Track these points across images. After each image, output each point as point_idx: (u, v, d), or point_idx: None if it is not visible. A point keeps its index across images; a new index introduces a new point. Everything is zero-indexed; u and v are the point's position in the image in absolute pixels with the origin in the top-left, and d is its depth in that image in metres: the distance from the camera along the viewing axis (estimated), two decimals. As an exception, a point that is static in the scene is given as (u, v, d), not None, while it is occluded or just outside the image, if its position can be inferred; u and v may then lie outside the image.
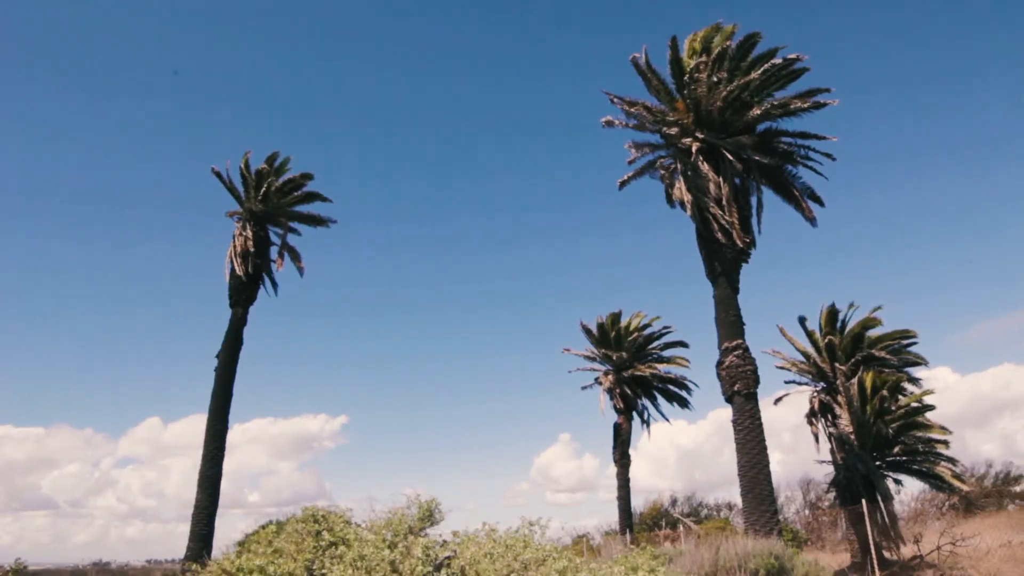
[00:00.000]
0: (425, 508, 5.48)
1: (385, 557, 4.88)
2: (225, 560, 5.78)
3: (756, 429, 19.29)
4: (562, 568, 4.85)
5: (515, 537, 5.40)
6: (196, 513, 20.85)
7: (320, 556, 5.37)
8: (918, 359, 22.87)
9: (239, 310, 24.74)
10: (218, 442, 22.07)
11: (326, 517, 5.66)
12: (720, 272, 20.69)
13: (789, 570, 14.00)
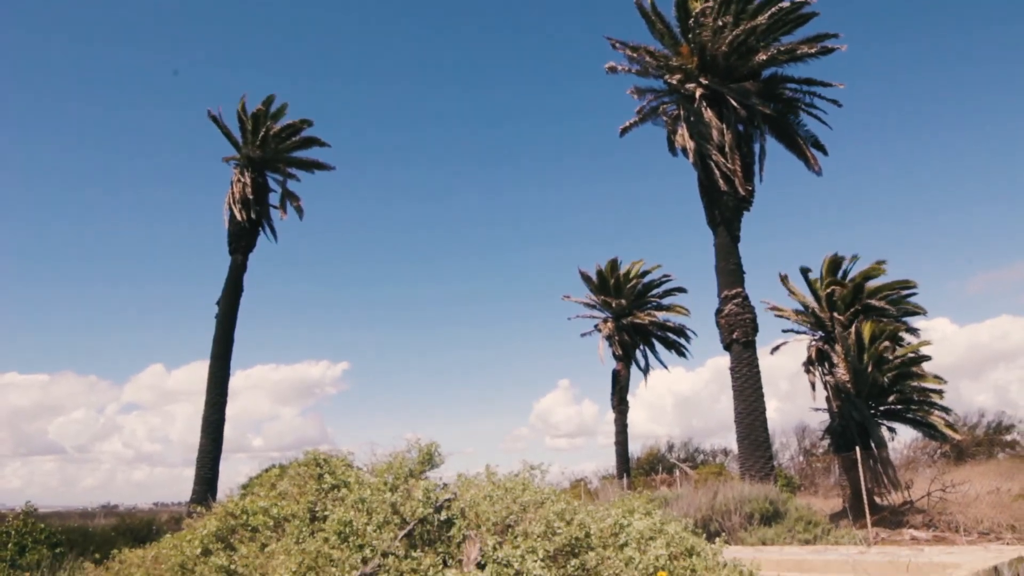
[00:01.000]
0: (425, 452, 5.55)
1: (386, 499, 4.96)
2: (229, 502, 5.89)
3: (754, 377, 19.48)
4: (560, 510, 4.93)
5: (514, 480, 5.48)
6: (200, 457, 21.22)
7: (322, 498, 5.46)
8: (917, 309, 22.92)
9: (239, 257, 24.72)
10: (220, 388, 22.31)
11: (328, 461, 5.75)
12: (721, 220, 20.60)
13: (783, 514, 14.30)
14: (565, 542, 4.74)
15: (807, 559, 8.91)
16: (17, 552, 11.24)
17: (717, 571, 4.75)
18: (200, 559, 5.12)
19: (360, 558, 4.53)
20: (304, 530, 5.12)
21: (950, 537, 15.18)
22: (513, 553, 4.49)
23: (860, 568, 7.77)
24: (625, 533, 4.96)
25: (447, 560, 4.71)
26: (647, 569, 4.52)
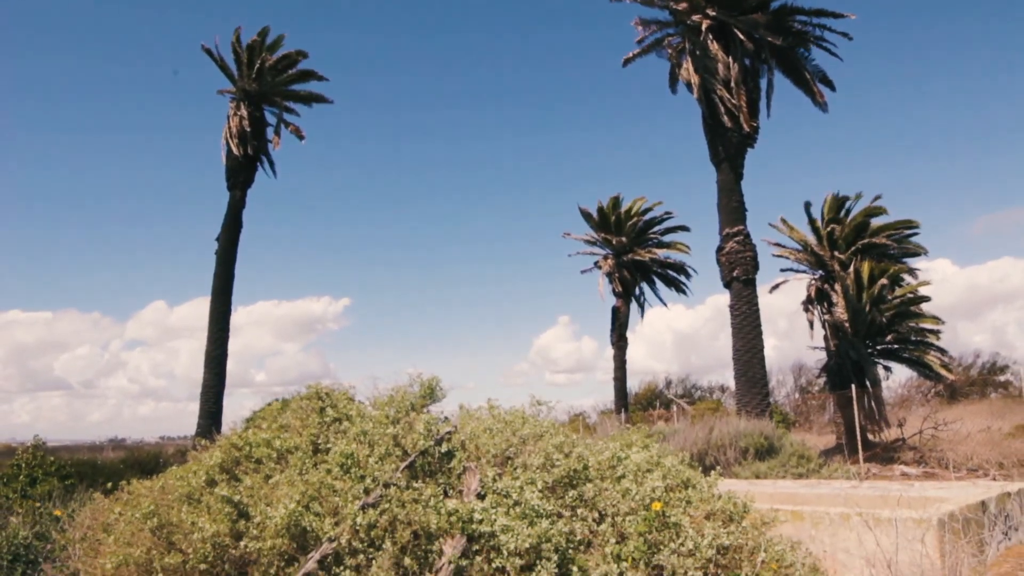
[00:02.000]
0: (426, 386, 5.61)
1: (388, 432, 5.04)
2: (233, 435, 5.98)
3: (753, 314, 19.60)
4: (559, 443, 5.01)
5: (514, 414, 5.56)
6: (204, 392, 21.51)
7: (324, 431, 5.54)
8: (918, 249, 22.88)
9: (237, 192, 24.55)
10: (222, 323, 22.48)
11: (329, 394, 5.82)
12: (724, 157, 20.36)
13: (778, 449, 14.59)
14: (563, 474, 4.84)
15: (800, 492, 9.12)
16: (28, 483, 11.50)
17: (712, 503, 4.86)
18: (206, 489, 5.23)
19: (362, 488, 4.62)
20: (307, 462, 5.22)
21: (940, 473, 15.52)
22: (512, 484, 4.59)
23: (852, 501, 7.95)
24: (622, 466, 5.06)
25: (448, 491, 4.81)
26: (643, 500, 4.63)
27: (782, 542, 4.89)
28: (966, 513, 7.02)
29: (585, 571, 4.08)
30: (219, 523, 4.56)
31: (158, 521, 4.81)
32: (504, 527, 4.15)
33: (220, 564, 4.58)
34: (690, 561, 4.20)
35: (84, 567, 6.10)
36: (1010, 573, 6.65)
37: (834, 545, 7.03)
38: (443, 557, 4.12)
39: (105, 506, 6.99)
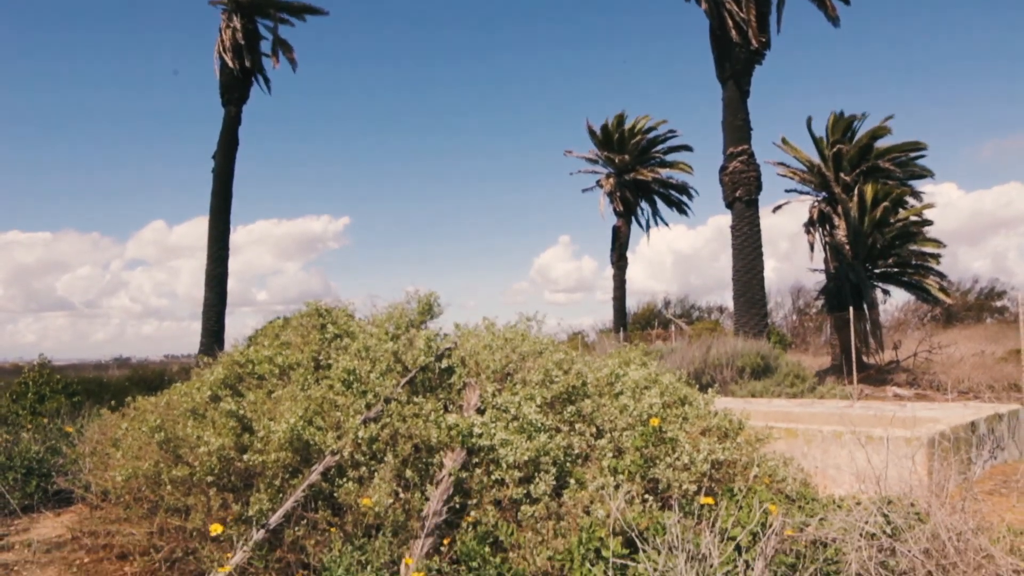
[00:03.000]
0: (424, 302, 5.62)
1: (388, 348, 5.07)
2: (235, 352, 6.03)
3: (754, 235, 19.53)
4: (558, 360, 5.05)
5: (514, 331, 5.59)
6: (206, 311, 21.63)
7: (325, 348, 5.58)
8: (924, 172, 22.59)
9: (232, 109, 24.03)
10: (221, 242, 22.40)
11: (330, 311, 5.83)
12: (731, 73, 19.85)
13: (774, 369, 14.81)
14: (562, 390, 4.91)
15: (794, 411, 9.30)
16: (37, 401, 11.70)
17: (708, 419, 4.94)
18: (210, 405, 5.31)
19: (364, 403, 4.69)
20: (309, 378, 5.29)
21: (931, 395, 15.79)
22: (512, 399, 4.65)
23: (845, 420, 8.11)
24: (621, 383, 5.13)
25: (448, 406, 4.89)
26: (641, 416, 4.70)
27: (775, 458, 5.00)
28: (956, 433, 7.16)
29: (582, 483, 4.17)
30: (224, 437, 4.65)
31: (164, 435, 4.90)
32: (503, 441, 4.23)
33: (226, 476, 4.69)
34: (685, 475, 4.30)
35: (95, 479, 6.27)
36: (994, 489, 6.84)
37: (825, 461, 7.21)
38: (443, 469, 4.21)
39: (112, 422, 7.14)
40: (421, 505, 4.11)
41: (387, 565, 3.80)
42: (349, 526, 4.15)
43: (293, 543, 4.17)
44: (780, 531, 3.49)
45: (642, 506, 4.02)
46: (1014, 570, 3.60)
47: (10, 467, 7.33)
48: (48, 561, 5.54)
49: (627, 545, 3.60)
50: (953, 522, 3.73)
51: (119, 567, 5.28)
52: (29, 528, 6.54)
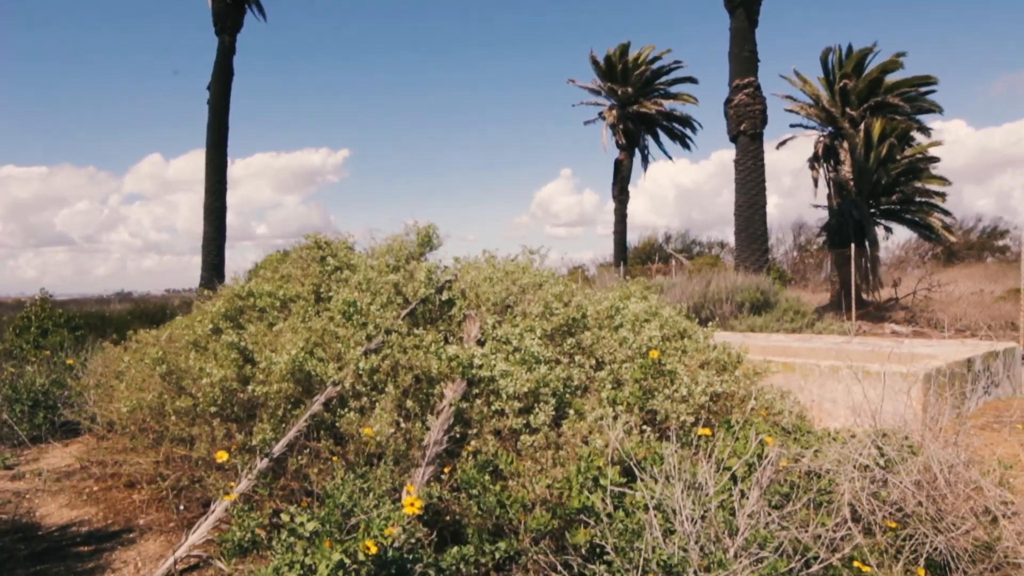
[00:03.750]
0: (423, 234, 5.58)
1: (388, 280, 5.05)
2: (235, 285, 6.02)
3: (757, 170, 19.31)
4: (558, 292, 5.04)
5: (514, 263, 5.57)
6: (205, 245, 21.54)
7: (326, 280, 5.57)
8: (933, 107, 22.16)
9: (226, 38, 23.39)
10: (219, 175, 22.12)
11: (329, 244, 5.80)
12: (739, 1, 19.28)
13: (773, 304, 14.84)
14: (562, 322, 4.92)
15: (792, 346, 9.35)
16: (40, 335, 11.76)
17: (706, 353, 4.97)
18: (211, 337, 5.34)
19: (364, 335, 4.71)
20: (309, 310, 5.29)
21: (929, 333, 15.88)
22: (512, 331, 4.67)
23: (843, 355, 8.17)
24: (620, 315, 5.13)
25: (448, 337, 4.91)
26: (640, 349, 4.72)
27: (772, 391, 5.05)
28: (952, 369, 7.22)
29: (581, 414, 4.22)
30: (226, 369, 4.68)
31: (167, 368, 4.94)
32: (503, 372, 4.26)
33: (229, 407, 4.74)
34: (683, 407, 4.34)
35: (100, 411, 6.35)
36: (987, 424, 6.92)
37: (822, 395, 7.29)
38: (444, 400, 4.25)
39: (115, 355, 7.20)
40: (422, 435, 4.17)
41: (389, 492, 3.87)
42: (351, 455, 4.22)
43: (296, 471, 4.25)
44: (775, 462, 3.55)
45: (640, 437, 4.08)
46: (1002, 501, 3.67)
47: (17, 399, 7.42)
48: (59, 489, 5.66)
49: (625, 474, 3.66)
50: (945, 455, 3.78)
51: (127, 495, 5.40)
52: (39, 458, 6.66)
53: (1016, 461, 4.60)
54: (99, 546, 4.48)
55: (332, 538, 3.37)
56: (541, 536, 3.62)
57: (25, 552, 4.39)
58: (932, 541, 3.49)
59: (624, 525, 3.10)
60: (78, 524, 4.89)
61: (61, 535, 4.70)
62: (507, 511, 3.62)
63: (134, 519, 4.95)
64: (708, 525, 2.88)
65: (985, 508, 3.62)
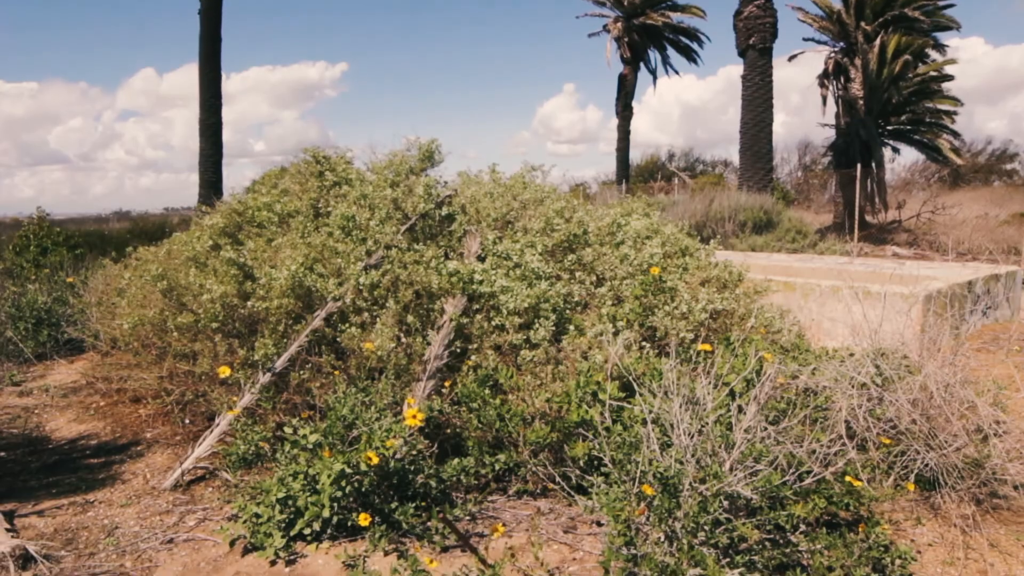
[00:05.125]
0: (425, 149, 5.47)
1: (388, 195, 4.98)
2: (234, 201, 5.94)
3: (765, 86, 18.86)
4: (560, 208, 4.98)
5: (515, 179, 5.48)
6: (202, 161, 21.19)
7: (324, 195, 5.50)
8: (951, 22, 21.39)
9: (217, -56, 22.38)
10: (213, 89, 21.56)
11: (327, 158, 5.69)
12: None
13: (775, 224, 14.76)
14: (563, 238, 4.87)
15: (793, 265, 9.34)
16: (40, 253, 11.73)
17: (707, 270, 4.94)
18: (211, 253, 5.31)
19: (364, 250, 4.67)
20: (308, 225, 5.24)
21: (931, 256, 15.84)
22: (513, 247, 4.63)
23: (844, 275, 8.16)
24: (622, 232, 5.08)
25: (448, 253, 4.87)
26: (641, 266, 4.70)
27: (772, 310, 5.05)
28: (953, 291, 7.21)
29: (581, 330, 4.23)
30: (226, 285, 4.67)
31: (167, 284, 4.92)
32: (504, 288, 4.25)
33: (230, 323, 4.75)
34: (683, 324, 4.34)
35: (103, 328, 6.39)
36: (983, 347, 6.96)
37: (821, 315, 7.31)
38: (444, 315, 4.26)
39: (115, 272, 7.19)
40: (423, 349, 4.19)
41: (390, 406, 3.92)
42: (352, 369, 4.25)
43: (299, 386, 4.29)
44: (773, 378, 3.57)
45: (639, 353, 4.10)
46: (995, 420, 3.71)
47: (20, 317, 7.46)
48: (66, 405, 5.75)
49: (624, 389, 3.69)
50: (942, 374, 3.81)
51: (133, 409, 5.48)
52: (45, 375, 6.74)
53: (1011, 382, 4.64)
54: (108, 458, 4.57)
55: (334, 450, 3.43)
56: (540, 449, 3.68)
57: (37, 464, 4.49)
58: (924, 458, 3.55)
59: (622, 438, 3.14)
60: (87, 438, 4.98)
61: (71, 448, 4.80)
62: (507, 424, 3.67)
63: (141, 433, 5.04)
64: (705, 439, 2.92)
65: (977, 427, 3.67)
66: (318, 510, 3.30)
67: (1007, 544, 3.29)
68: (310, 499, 3.33)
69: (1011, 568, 3.10)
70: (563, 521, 3.55)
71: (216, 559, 3.29)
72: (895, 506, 3.62)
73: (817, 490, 2.90)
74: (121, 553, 3.36)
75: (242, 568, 3.20)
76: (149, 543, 3.45)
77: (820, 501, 2.84)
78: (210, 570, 3.20)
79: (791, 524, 2.80)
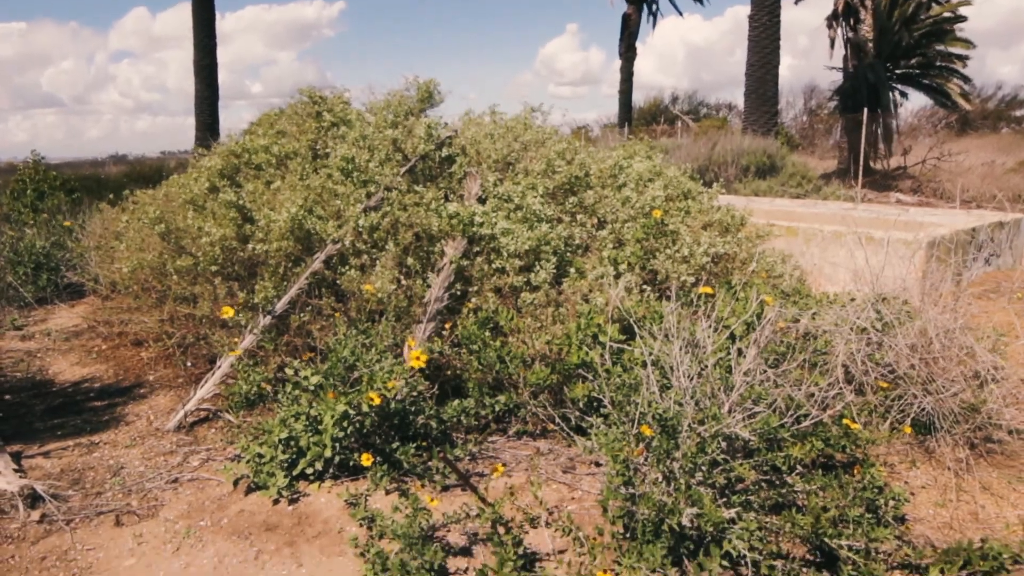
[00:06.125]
0: (424, 89, 5.36)
1: (387, 136, 4.90)
2: (231, 142, 5.85)
3: (773, 26, 18.40)
4: (561, 150, 4.91)
5: (516, 120, 5.39)
6: (198, 104, 20.84)
7: (323, 136, 5.41)
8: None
9: None
10: (207, 29, 21.04)
11: (325, 99, 5.58)
12: None
13: (779, 168, 14.59)
14: (564, 180, 4.81)
15: (796, 211, 9.27)
16: (36, 198, 11.63)
17: (710, 214, 4.89)
18: (208, 196, 5.25)
19: (364, 192, 4.62)
20: (307, 167, 5.17)
21: (935, 203, 15.71)
22: (514, 189, 4.57)
23: (848, 221, 8.10)
24: (624, 174, 5.01)
25: (449, 195, 4.82)
26: (643, 208, 4.65)
27: (774, 255, 5.02)
28: (956, 238, 7.17)
29: (582, 273, 4.21)
30: (225, 227, 4.63)
31: (165, 227, 4.89)
32: (504, 230, 4.21)
33: (230, 266, 4.73)
34: (684, 267, 4.32)
35: (103, 272, 6.37)
36: (983, 294, 6.95)
37: (823, 260, 7.29)
38: (444, 258, 4.23)
39: (113, 216, 7.15)
40: (423, 292, 4.18)
41: (390, 348, 3.92)
42: (353, 312, 4.25)
43: (299, 328, 4.30)
44: (774, 322, 3.56)
45: (640, 296, 4.09)
46: (993, 366, 3.72)
47: (19, 262, 7.44)
48: (68, 348, 5.77)
49: (624, 332, 3.69)
50: (942, 320, 3.81)
51: (136, 352, 5.51)
52: (46, 319, 6.76)
53: (1010, 329, 4.65)
54: (112, 400, 4.61)
55: (336, 391, 3.45)
56: (540, 390, 3.71)
57: (42, 407, 4.53)
58: (921, 402, 3.57)
59: (622, 380, 3.15)
60: (90, 380, 5.02)
61: (75, 391, 4.84)
62: (507, 366, 3.69)
63: (143, 375, 5.07)
64: (704, 382, 2.93)
65: (975, 372, 3.68)
66: (320, 450, 3.34)
67: (999, 487, 3.34)
68: (312, 439, 3.37)
69: (1002, 510, 3.15)
70: (562, 462, 3.59)
71: (220, 498, 3.34)
72: (891, 449, 3.66)
73: (814, 432, 2.92)
74: (127, 492, 3.41)
75: (246, 506, 3.25)
76: (154, 483, 3.50)
77: (817, 443, 2.86)
78: (215, 508, 3.25)
79: (788, 466, 2.82)
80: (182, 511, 3.24)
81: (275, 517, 3.15)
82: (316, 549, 2.90)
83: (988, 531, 2.99)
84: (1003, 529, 2.99)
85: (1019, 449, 3.64)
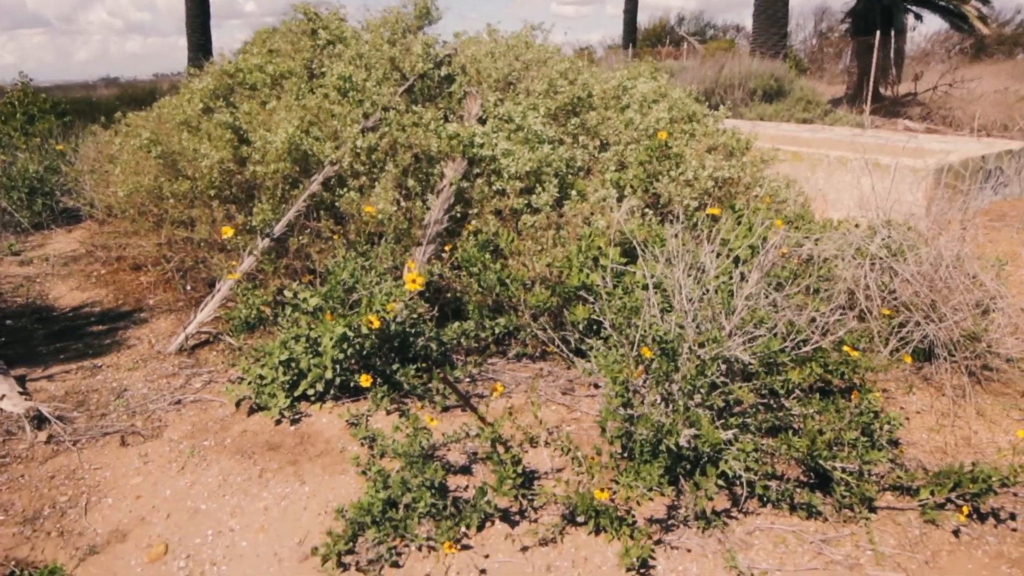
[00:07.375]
0: (421, 5, 5.16)
1: (384, 54, 4.74)
2: (224, 62, 5.67)
3: (786, -60, 17.68)
4: (563, 70, 4.76)
5: (517, 38, 5.21)
6: (189, 23, 20.16)
7: (318, 55, 5.25)
8: None
9: None
10: (198, -56, 20.19)
11: (319, 16, 5.38)
12: None
13: (786, 92, 14.24)
14: (567, 101, 4.68)
15: (802, 136, 9.09)
16: (27, 121, 11.39)
17: (715, 137, 4.78)
18: (203, 117, 5.12)
19: (361, 113, 4.50)
20: (303, 87, 5.02)
21: (943, 130, 15.40)
22: (515, 109, 4.45)
23: (856, 147, 7.95)
24: (628, 96, 4.87)
25: (448, 115, 4.70)
26: (647, 131, 4.53)
27: (778, 179, 4.93)
28: (965, 165, 7.05)
29: (584, 195, 4.14)
30: (221, 150, 4.53)
31: (161, 150, 4.79)
32: (505, 151, 4.12)
33: (227, 188, 4.66)
34: (687, 191, 4.25)
35: (98, 196, 6.29)
36: (988, 223, 6.89)
37: (828, 186, 7.19)
38: (444, 179, 4.15)
39: (106, 139, 7.01)
40: (422, 214, 4.12)
41: (390, 270, 3.90)
42: (352, 234, 4.20)
43: (298, 251, 4.26)
44: (778, 246, 3.52)
45: (642, 219, 4.03)
46: (997, 295, 3.70)
47: (13, 187, 7.34)
48: (67, 273, 5.75)
49: (625, 255, 3.66)
50: (948, 247, 3.76)
51: (135, 277, 5.49)
52: (43, 244, 6.71)
53: (1015, 257, 4.61)
54: (112, 325, 4.61)
55: (335, 313, 3.44)
56: (540, 313, 3.69)
57: (43, 332, 4.54)
58: (923, 329, 3.56)
59: (622, 303, 3.13)
60: (90, 305, 5.01)
61: (75, 315, 4.83)
62: (507, 288, 3.66)
63: (143, 299, 5.06)
64: (706, 305, 2.91)
65: (977, 301, 3.66)
66: (321, 371, 3.35)
67: (993, 413, 3.37)
68: (312, 361, 3.38)
69: (994, 435, 3.18)
70: (561, 383, 3.61)
71: (223, 419, 3.38)
72: (889, 376, 3.67)
73: (814, 358, 2.92)
74: (131, 413, 3.45)
75: (249, 427, 3.28)
76: (158, 404, 3.53)
77: (816, 368, 2.87)
78: (218, 429, 3.28)
79: (786, 390, 2.83)
80: (186, 431, 3.28)
81: (277, 437, 3.19)
82: (318, 468, 2.94)
83: (980, 456, 3.03)
84: (994, 454, 3.03)
85: (1016, 377, 3.66)
